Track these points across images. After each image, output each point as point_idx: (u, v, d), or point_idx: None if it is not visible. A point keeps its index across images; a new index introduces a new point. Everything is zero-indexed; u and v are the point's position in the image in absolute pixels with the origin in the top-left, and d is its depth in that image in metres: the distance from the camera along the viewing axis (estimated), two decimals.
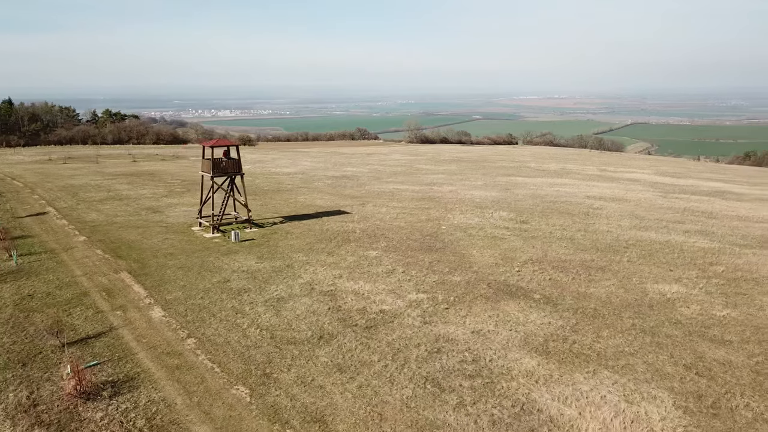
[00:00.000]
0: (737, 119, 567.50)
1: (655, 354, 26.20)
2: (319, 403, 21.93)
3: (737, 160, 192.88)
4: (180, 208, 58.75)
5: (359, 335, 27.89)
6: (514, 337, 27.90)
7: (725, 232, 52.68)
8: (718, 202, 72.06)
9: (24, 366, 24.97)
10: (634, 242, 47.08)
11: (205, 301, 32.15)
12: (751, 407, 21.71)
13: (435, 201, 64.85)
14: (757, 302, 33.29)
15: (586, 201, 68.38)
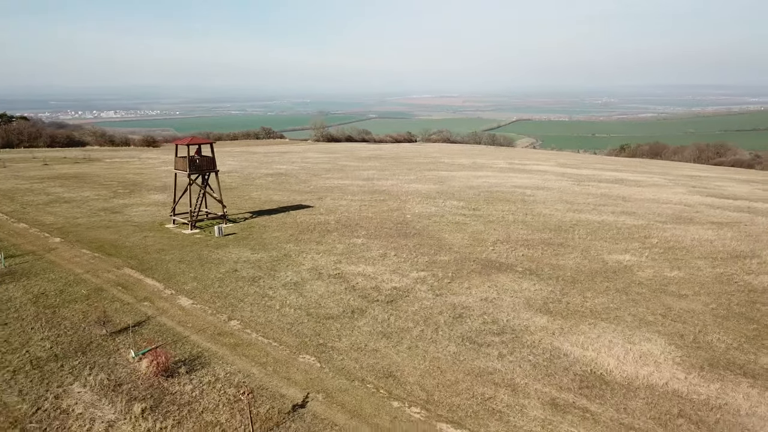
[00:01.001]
0: (609, 115, 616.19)
1: (634, 307, 31.70)
2: (381, 362, 25.22)
3: (614, 153, 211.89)
4: (138, 208, 58.73)
5: (385, 308, 31.30)
6: (517, 301, 32.46)
7: (644, 212, 60.62)
8: (624, 188, 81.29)
9: (84, 354, 26.27)
10: (576, 222, 53.47)
11: (226, 289, 34.13)
12: (722, 340, 27.50)
13: (385, 194, 68.71)
14: (694, 264, 40.08)
15: (517, 190, 74.97)
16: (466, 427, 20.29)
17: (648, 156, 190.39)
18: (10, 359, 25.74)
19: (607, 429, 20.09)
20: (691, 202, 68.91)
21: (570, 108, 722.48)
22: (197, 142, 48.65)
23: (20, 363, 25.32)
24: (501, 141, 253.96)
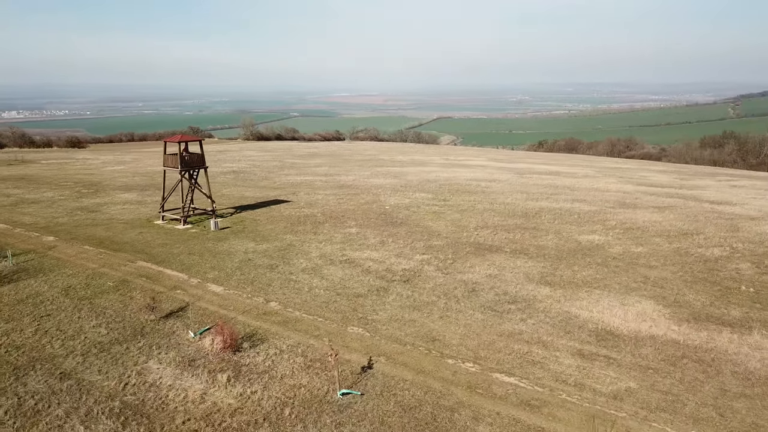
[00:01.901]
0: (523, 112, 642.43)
1: (617, 277, 36.66)
2: (422, 330, 28.67)
3: (533, 148, 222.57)
4: (114, 207, 59.00)
5: (405, 286, 34.70)
6: (518, 276, 36.70)
7: (592, 199, 66.88)
8: (564, 179, 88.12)
9: (143, 337, 28.20)
10: (539, 210, 58.70)
11: (249, 276, 36.44)
12: (697, 299, 32.73)
13: (353, 188, 71.74)
14: (653, 241, 45.84)
15: (472, 183, 79.93)
16: (515, 375, 24.07)
17: (564, 151, 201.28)
18: (72, 344, 27.30)
19: (629, 370, 24.43)
20: (628, 190, 76.14)
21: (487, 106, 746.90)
22: (187, 140, 49.99)
23: (84, 347, 26.95)
24: (426, 139, 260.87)
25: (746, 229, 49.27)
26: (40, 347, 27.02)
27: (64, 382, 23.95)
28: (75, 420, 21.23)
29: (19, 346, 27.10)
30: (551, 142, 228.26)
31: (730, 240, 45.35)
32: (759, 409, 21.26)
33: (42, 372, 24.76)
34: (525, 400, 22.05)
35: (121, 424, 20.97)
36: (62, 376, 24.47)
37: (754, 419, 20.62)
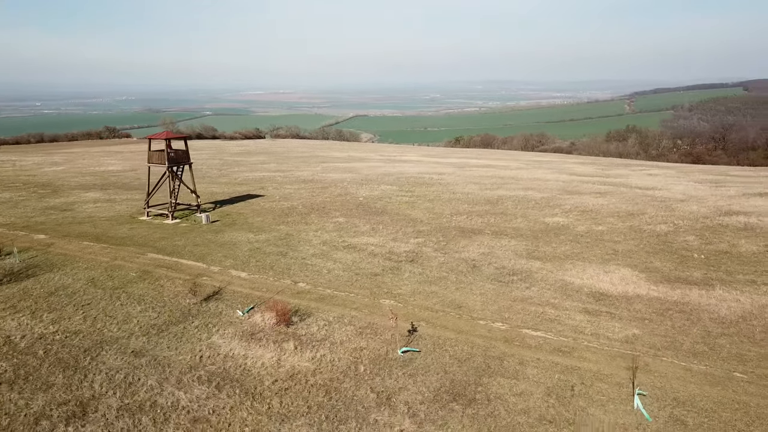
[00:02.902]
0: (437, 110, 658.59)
1: (591, 251, 42.11)
2: (444, 299, 32.59)
3: (450, 145, 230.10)
4: (86, 206, 58.96)
5: (413, 265, 38.52)
6: (507, 253, 41.37)
7: (539, 187, 73.14)
8: (502, 171, 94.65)
9: (194, 317, 30.52)
10: (498, 198, 64.01)
11: (265, 262, 39.02)
12: (663, 266, 38.55)
13: (317, 182, 74.43)
14: (608, 221, 51.96)
15: (424, 176, 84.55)
16: (540, 330, 28.52)
17: (480, 146, 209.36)
18: (128, 327, 29.28)
19: (630, 321, 29.46)
20: (564, 179, 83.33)
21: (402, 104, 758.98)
22: (173, 137, 51.26)
23: (142, 329, 28.99)
24: (347, 136, 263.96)
25: (679, 209, 56.54)
26: (97, 331, 28.75)
27: (139, 358, 26.05)
28: (170, 387, 23.64)
29: (77, 332, 28.71)
30: (467, 138, 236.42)
31: (670, 218, 52.19)
32: (738, 343, 26.74)
33: (113, 352, 26.71)
34: (556, 347, 26.46)
35: (216, 388, 23.56)
36: (135, 354, 26.53)
37: (737, 350, 26.03)
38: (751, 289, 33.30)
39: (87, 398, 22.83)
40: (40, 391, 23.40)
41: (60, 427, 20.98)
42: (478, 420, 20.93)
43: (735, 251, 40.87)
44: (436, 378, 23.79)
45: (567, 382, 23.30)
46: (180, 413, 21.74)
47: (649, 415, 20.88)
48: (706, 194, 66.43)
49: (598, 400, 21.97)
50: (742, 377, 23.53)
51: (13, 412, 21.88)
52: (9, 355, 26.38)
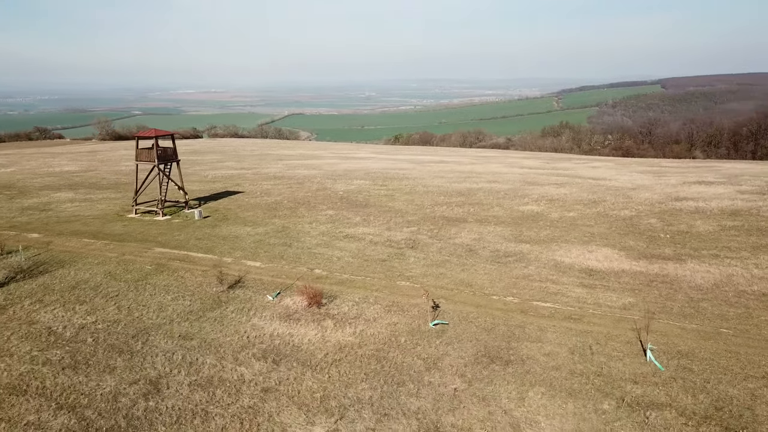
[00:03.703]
0: (372, 108, 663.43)
1: (570, 234, 46.18)
2: (454, 279, 35.60)
3: (389, 143, 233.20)
4: (65, 205, 58.60)
5: (415, 251, 41.39)
6: (497, 238, 44.87)
7: (501, 179, 77.46)
8: (457, 166, 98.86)
9: (226, 303, 32.29)
10: (468, 190, 67.71)
11: (274, 253, 40.92)
12: (637, 245, 42.93)
13: (289, 179, 75.97)
14: (576, 209, 56.45)
15: (389, 171, 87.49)
16: (549, 302, 31.99)
17: (419, 143, 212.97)
18: (166, 315, 30.85)
19: (622, 291, 33.34)
20: (520, 172, 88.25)
21: (337, 102, 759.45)
22: (160, 134, 52.02)
23: (181, 316, 30.61)
24: (287, 135, 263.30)
25: (635, 197, 61.84)
26: (137, 320, 30.20)
27: (189, 341, 27.83)
28: (230, 365, 25.67)
29: (116, 321, 30.08)
30: (407, 136, 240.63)
31: (630, 204, 57.23)
32: (717, 305, 31.02)
33: (161, 336, 28.34)
34: (567, 315, 29.98)
35: (273, 363, 25.75)
36: (183, 337, 28.25)
37: (718, 312, 30.25)
38: (716, 261, 37.99)
39: (155, 377, 24.49)
40: (105, 373, 24.85)
41: (140, 402, 22.65)
42: (518, 376, 24.03)
43: (694, 231, 45.85)
44: (470, 345, 26.73)
45: (584, 342, 26.75)
46: (249, 385, 23.80)
47: (662, 365, 24.53)
48: (652, 183, 72.40)
49: (615, 356, 25.49)
50: (728, 332, 27.65)
51: (88, 392, 23.36)
52: (58, 343, 27.52)
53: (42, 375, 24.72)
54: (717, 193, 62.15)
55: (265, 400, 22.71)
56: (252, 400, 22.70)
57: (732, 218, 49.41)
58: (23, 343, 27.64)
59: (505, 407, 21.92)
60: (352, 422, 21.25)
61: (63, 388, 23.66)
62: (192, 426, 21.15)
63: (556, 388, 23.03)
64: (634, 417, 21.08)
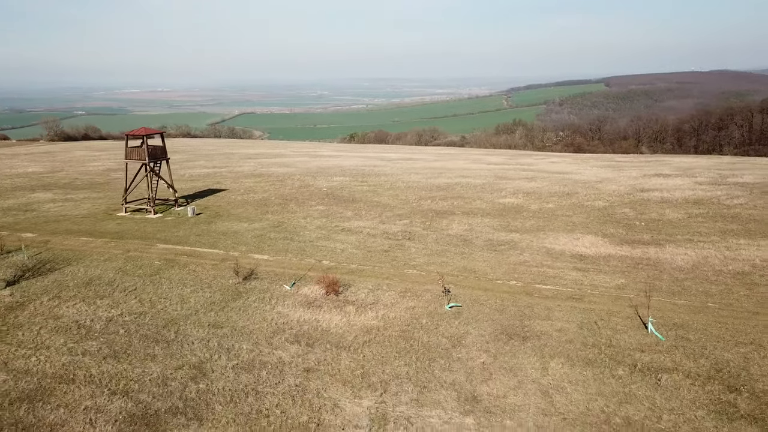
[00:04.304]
0: (325, 107, 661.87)
1: (554, 223, 49.05)
2: (457, 266, 37.82)
3: (344, 141, 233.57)
4: (47, 205, 58.08)
5: (413, 242, 43.40)
6: (486, 229, 47.35)
7: (473, 175, 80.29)
8: (424, 163, 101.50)
9: (247, 294, 33.55)
10: (446, 184, 70.11)
11: (278, 247, 42.24)
12: (617, 232, 46.03)
13: (269, 176, 76.72)
14: (552, 200, 59.53)
15: (364, 168, 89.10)
16: (549, 285, 34.54)
17: (375, 142, 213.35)
18: (190, 306, 31.97)
19: (613, 274, 36.21)
20: (488, 168, 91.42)
21: (289, 101, 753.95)
22: (151, 132, 52.39)
23: (204, 307, 31.79)
24: (240, 134, 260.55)
25: (603, 189, 65.52)
26: (162, 311, 31.27)
27: (221, 329, 29.17)
28: (266, 349, 27.20)
29: (142, 313, 31.08)
30: (362, 135, 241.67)
31: (601, 196, 60.76)
32: (700, 284, 34.17)
33: (191, 325, 29.57)
34: (569, 296, 32.56)
35: (307, 346, 27.41)
36: (212, 326, 29.56)
37: (702, 289, 33.37)
38: (691, 245, 41.40)
39: (197, 362, 25.79)
40: (147, 360, 26.01)
41: (191, 386, 23.97)
42: (537, 350, 26.38)
43: (665, 218, 49.43)
44: (487, 324, 28.96)
45: (590, 319, 29.34)
46: (290, 366, 25.39)
47: (662, 336, 27.31)
48: (615, 176, 76.52)
49: (619, 330, 28.15)
50: (714, 306, 30.74)
51: (136, 378, 24.51)
52: (91, 336, 28.42)
53: (85, 364, 25.63)
54: (677, 185, 66.39)
55: (309, 379, 24.32)
56: (297, 380, 24.25)
57: (696, 207, 53.30)
58: (55, 336, 28.35)
59: (531, 377, 24.16)
60: (396, 395, 23.10)
61: (110, 376, 24.67)
62: (247, 404, 22.60)
63: (573, 358, 25.40)
64: (647, 380, 23.61)
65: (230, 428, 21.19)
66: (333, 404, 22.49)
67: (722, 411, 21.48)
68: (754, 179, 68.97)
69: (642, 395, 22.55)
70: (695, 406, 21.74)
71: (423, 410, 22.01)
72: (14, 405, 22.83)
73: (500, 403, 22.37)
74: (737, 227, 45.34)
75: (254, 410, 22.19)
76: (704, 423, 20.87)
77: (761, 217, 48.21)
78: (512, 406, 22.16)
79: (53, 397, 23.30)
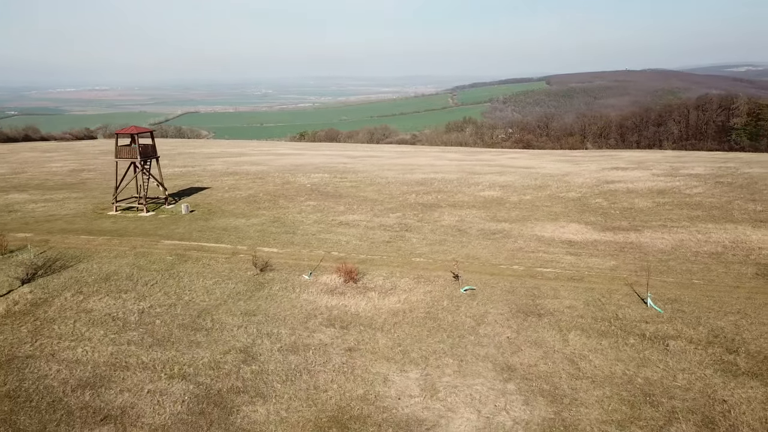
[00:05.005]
0: (270, 105, 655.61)
1: (536, 213, 52.17)
2: (459, 253, 40.24)
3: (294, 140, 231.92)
4: (30, 206, 57.32)
5: (412, 232, 45.63)
6: (476, 219, 50.04)
7: (445, 170, 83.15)
8: (389, 160, 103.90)
9: (268, 284, 35.01)
10: (423, 179, 72.58)
11: (283, 240, 43.62)
12: (597, 219, 49.57)
13: (251, 174, 77.30)
14: (528, 192, 62.88)
15: (337, 165, 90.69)
16: (549, 268, 37.39)
17: (326, 140, 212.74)
18: (216, 296, 33.27)
19: (604, 256, 39.42)
20: (454, 164, 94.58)
21: (233, 100, 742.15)
22: (137, 131, 52.69)
23: (231, 297, 33.10)
24: (188, 134, 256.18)
25: (571, 181, 69.46)
26: (191, 302, 32.47)
27: (254, 316, 30.68)
28: (304, 332, 28.96)
29: (172, 304, 32.22)
30: (312, 133, 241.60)
31: (572, 188, 64.56)
32: (682, 263, 37.71)
33: (224, 314, 30.93)
34: (569, 277, 35.48)
35: (342, 328, 29.31)
36: (246, 314, 31.01)
37: (684, 268, 36.89)
38: (666, 230, 45.20)
39: (242, 347, 27.33)
40: (193, 347, 27.38)
41: (244, 367, 25.57)
42: (554, 324, 29.07)
43: (636, 207, 53.37)
44: (503, 304, 31.49)
45: (594, 297, 32.26)
46: (333, 348, 27.26)
47: (661, 309, 30.48)
48: (577, 170, 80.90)
49: (622, 305, 31.16)
50: (699, 282, 34.20)
51: (189, 363, 25.85)
52: (129, 327, 29.48)
53: (133, 353, 26.78)
54: (637, 177, 71.03)
55: (354, 357, 26.23)
56: (343, 358, 26.13)
57: (661, 196, 57.60)
58: (93, 328, 29.25)
59: (555, 347, 26.80)
60: (438, 367, 25.32)
61: (162, 362, 25.93)
62: (303, 381, 24.37)
63: (588, 330, 28.21)
64: (657, 346, 26.60)
65: (294, 403, 22.87)
66: (383, 378, 24.45)
67: (726, 369, 24.52)
68: (704, 171, 74.41)
69: (655, 359, 25.43)
70: (703, 366, 24.76)
71: (467, 380, 24.24)
72: (77, 391, 23.81)
73: (534, 371, 24.84)
74: (702, 213, 49.53)
75: (311, 387, 23.92)
76: (713, 380, 23.85)
77: (721, 204, 52.69)
78: (545, 373, 24.66)
79: (113, 383, 24.37)
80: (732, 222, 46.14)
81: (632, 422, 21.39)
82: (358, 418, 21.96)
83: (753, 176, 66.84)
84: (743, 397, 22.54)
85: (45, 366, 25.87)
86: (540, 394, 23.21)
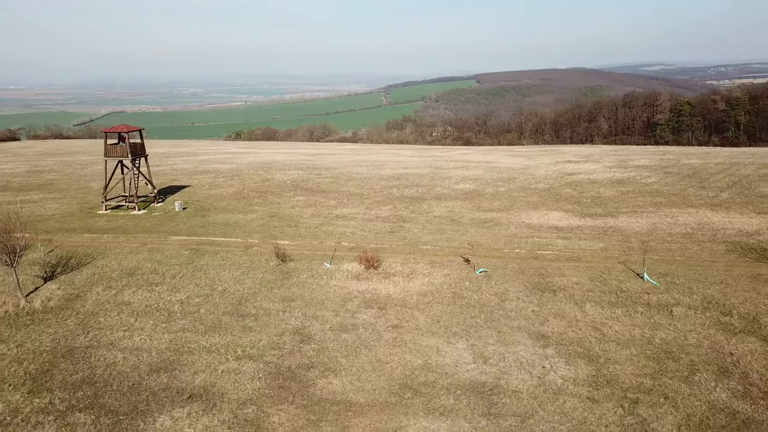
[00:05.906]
0: (201, 105, 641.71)
1: (516, 203, 55.95)
2: (461, 240, 43.12)
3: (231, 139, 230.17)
4: (8, 207, 56.50)
5: (408, 224, 48.32)
6: (464, 210, 53.24)
7: (412, 166, 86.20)
8: (350, 156, 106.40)
9: (294, 273, 36.88)
10: (397, 174, 75.24)
11: (290, 233, 45.27)
12: (574, 208, 53.86)
13: (220, 172, 77.54)
14: (502, 185, 66.64)
15: (305, 162, 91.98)
16: (548, 250, 40.85)
17: (263, 139, 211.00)
18: (247, 285, 34.89)
19: (591, 239, 43.33)
20: (417, 160, 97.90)
21: (161, 99, 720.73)
22: (128, 130, 52.81)
23: (263, 285, 34.86)
24: None
25: (535, 174, 73.88)
26: (226, 291, 34.03)
27: (293, 302, 32.64)
28: (346, 315, 31.21)
29: (208, 295, 33.70)
30: (248, 132, 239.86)
31: (538, 180, 68.89)
32: (661, 243, 42.11)
33: (263, 300, 32.74)
34: (567, 257, 39.10)
35: (380, 309, 31.75)
36: (284, 300, 32.92)
37: (664, 247, 41.30)
38: (637, 215, 49.78)
39: (294, 329, 29.36)
40: (246, 331, 29.18)
41: (305, 346, 27.60)
42: (568, 298, 32.48)
43: (604, 196, 58.05)
44: (518, 283, 34.68)
45: (595, 273, 35.93)
46: (377, 327, 29.67)
47: (657, 282, 34.47)
48: (535, 164, 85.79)
49: (622, 279, 34.92)
50: (681, 259, 38.50)
51: (249, 345, 27.76)
52: (176, 316, 30.87)
53: (192, 339, 28.31)
54: (592, 169, 76.35)
55: (401, 333, 28.75)
56: (391, 334, 28.59)
57: (622, 186, 62.68)
58: (141, 319, 30.47)
59: (576, 317, 30.19)
60: (481, 338, 28.19)
61: (224, 346, 27.64)
62: (364, 353, 26.71)
63: (599, 302, 31.77)
64: (662, 312, 30.42)
65: (364, 374, 25.15)
66: (436, 349, 27.09)
67: (725, 329, 28.53)
68: (649, 162, 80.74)
69: (665, 323, 29.19)
70: (706, 326, 28.70)
71: (509, 347, 27.20)
72: (152, 375, 25.20)
73: (565, 338, 28.07)
74: (664, 200, 54.62)
75: (374, 359, 26.25)
76: (717, 337, 27.78)
77: (677, 192, 58.11)
78: (575, 339, 27.93)
79: (184, 366, 25.87)
80: (692, 207, 51.24)
81: (662, 375, 24.83)
82: (426, 384, 24.45)
83: (695, 167, 73.30)
84: (746, 350, 26.46)
85: (109, 354, 26.96)
86: (577, 356, 26.36)
